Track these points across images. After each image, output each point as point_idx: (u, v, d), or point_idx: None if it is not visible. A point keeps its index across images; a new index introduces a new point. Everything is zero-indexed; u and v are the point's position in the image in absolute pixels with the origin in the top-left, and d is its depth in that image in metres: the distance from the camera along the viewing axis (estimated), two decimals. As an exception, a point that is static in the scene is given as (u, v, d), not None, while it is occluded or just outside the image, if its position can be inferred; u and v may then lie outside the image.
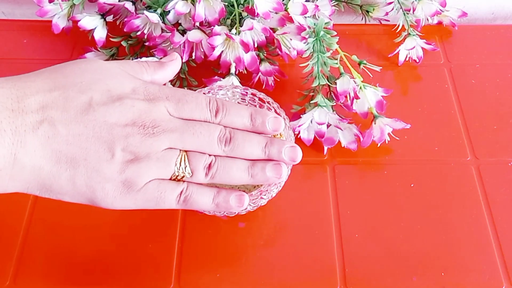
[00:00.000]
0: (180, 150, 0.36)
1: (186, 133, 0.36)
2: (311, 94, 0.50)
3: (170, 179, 0.36)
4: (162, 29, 0.49)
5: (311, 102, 0.49)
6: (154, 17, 0.48)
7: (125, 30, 0.50)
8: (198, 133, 0.36)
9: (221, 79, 0.50)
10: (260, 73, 0.52)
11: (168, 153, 0.35)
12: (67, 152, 0.33)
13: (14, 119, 0.32)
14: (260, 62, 0.52)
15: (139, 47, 0.54)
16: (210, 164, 0.36)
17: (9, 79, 0.34)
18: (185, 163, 0.36)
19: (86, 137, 0.34)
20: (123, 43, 0.53)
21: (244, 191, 0.44)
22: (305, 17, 0.49)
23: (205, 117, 0.37)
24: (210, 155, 0.37)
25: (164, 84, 0.41)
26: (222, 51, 0.49)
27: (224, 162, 0.37)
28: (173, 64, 0.41)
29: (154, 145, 0.35)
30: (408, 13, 0.56)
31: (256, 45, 0.49)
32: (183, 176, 0.36)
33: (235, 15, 0.48)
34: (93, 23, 0.51)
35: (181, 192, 0.36)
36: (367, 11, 0.59)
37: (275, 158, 0.38)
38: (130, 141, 0.34)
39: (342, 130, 0.49)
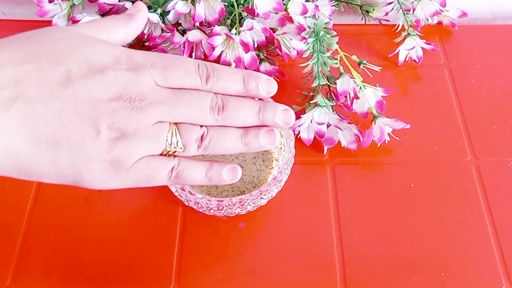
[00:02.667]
0: (170, 123, 0.33)
1: (176, 104, 0.33)
2: (311, 94, 0.50)
3: (161, 154, 0.34)
4: (162, 29, 0.50)
5: (311, 102, 0.49)
6: (154, 17, 0.48)
7: (125, 30, 0.50)
8: (189, 103, 0.34)
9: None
10: (260, 73, 0.52)
11: (157, 128, 0.33)
12: (47, 132, 0.30)
13: None
14: (260, 62, 0.52)
15: (139, 47, 0.54)
16: (202, 136, 0.34)
17: None
18: (176, 138, 0.34)
19: (67, 114, 0.31)
20: (123, 43, 0.53)
21: (244, 191, 0.44)
22: (305, 17, 0.49)
23: (195, 85, 0.35)
24: (201, 126, 0.34)
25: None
26: (222, 51, 0.49)
27: (217, 133, 0.34)
28: (142, 14, 0.38)
29: (142, 120, 0.32)
30: (408, 13, 0.56)
31: (256, 45, 0.49)
32: (175, 152, 0.34)
33: (235, 15, 0.48)
34: (93, 23, 0.51)
35: (173, 168, 0.34)
36: (367, 11, 0.59)
37: (269, 123, 0.36)
38: (116, 117, 0.31)
39: (342, 130, 0.49)
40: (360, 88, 0.49)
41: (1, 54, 0.31)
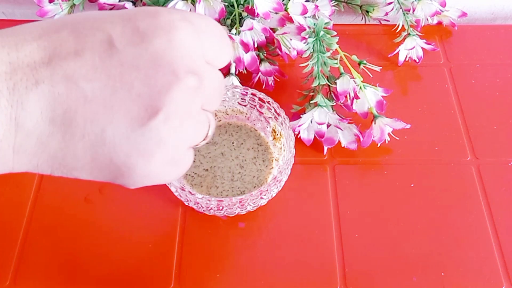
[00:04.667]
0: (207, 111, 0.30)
1: (219, 93, 0.30)
2: (311, 94, 0.50)
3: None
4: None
5: (311, 102, 0.49)
6: (154, 17, 0.48)
7: (125, 30, 0.49)
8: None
9: (221, 79, 0.50)
10: (260, 73, 0.52)
11: (204, 116, 0.29)
12: (85, 113, 0.25)
13: (12, 74, 0.25)
14: (260, 62, 0.52)
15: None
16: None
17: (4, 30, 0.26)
18: (211, 129, 0.31)
19: (111, 91, 0.26)
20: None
21: (244, 191, 0.44)
22: (305, 17, 0.49)
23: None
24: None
25: None
26: (222, 51, 0.49)
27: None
28: None
29: (196, 105, 0.28)
30: (408, 13, 0.56)
31: (256, 45, 0.49)
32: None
33: (235, 15, 0.48)
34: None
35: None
36: (367, 11, 0.59)
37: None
38: (174, 97, 0.26)
39: (342, 130, 0.49)
40: (360, 88, 0.49)
41: (36, 27, 0.26)
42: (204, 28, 0.28)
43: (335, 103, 0.50)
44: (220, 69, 0.31)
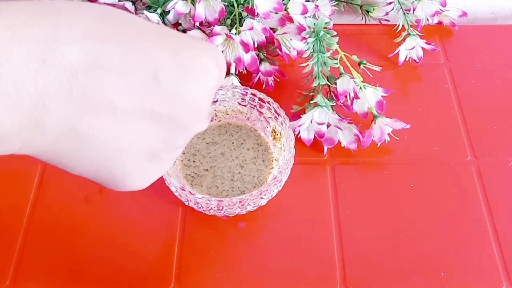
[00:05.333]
0: None
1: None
2: (311, 94, 0.50)
3: None
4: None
5: (311, 102, 0.49)
6: (154, 17, 0.48)
7: (125, 30, 0.49)
8: None
9: (221, 79, 0.50)
10: (260, 73, 0.52)
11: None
12: (109, 130, 0.26)
13: (44, 73, 0.23)
14: (260, 62, 0.52)
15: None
16: None
17: (40, 12, 0.24)
18: None
19: (140, 116, 0.26)
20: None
21: (244, 191, 0.44)
22: (305, 17, 0.49)
23: None
24: None
25: None
26: (222, 51, 0.49)
27: None
28: None
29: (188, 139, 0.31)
30: (408, 13, 0.56)
31: (256, 45, 0.49)
32: None
33: (235, 15, 0.48)
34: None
35: None
36: (367, 11, 0.59)
37: None
38: (189, 138, 0.30)
39: (342, 130, 0.49)
40: (360, 88, 0.49)
41: (77, 14, 0.25)
42: (223, 69, 0.31)
43: (335, 103, 0.50)
44: None
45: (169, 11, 0.49)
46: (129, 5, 0.49)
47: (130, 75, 0.26)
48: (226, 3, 0.48)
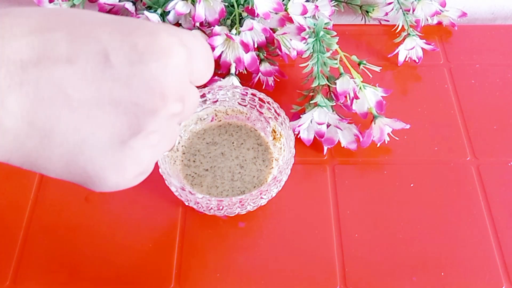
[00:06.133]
0: None
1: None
2: (311, 94, 0.50)
3: None
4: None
5: (311, 102, 0.49)
6: (154, 17, 0.48)
7: (125, 30, 0.50)
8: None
9: (221, 79, 0.50)
10: (260, 73, 0.52)
11: (177, 130, 0.31)
12: (68, 121, 0.25)
13: None
14: (260, 62, 0.52)
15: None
16: None
17: None
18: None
19: (98, 104, 0.25)
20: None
21: (244, 191, 0.44)
22: (305, 17, 0.49)
23: None
24: None
25: None
26: (222, 51, 0.49)
27: None
28: None
29: (174, 125, 0.29)
30: (408, 13, 0.56)
31: (256, 45, 0.49)
32: None
33: (235, 15, 0.48)
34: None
35: None
36: (367, 11, 0.59)
37: None
38: (158, 121, 0.27)
39: (342, 130, 0.49)
40: (360, 88, 0.49)
41: (24, 15, 0.25)
42: (196, 52, 0.29)
43: (335, 103, 0.50)
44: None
45: (169, 12, 0.49)
46: (129, 5, 0.49)
47: (80, 62, 0.25)
48: (226, 4, 0.48)
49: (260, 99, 0.46)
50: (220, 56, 0.49)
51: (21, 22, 0.24)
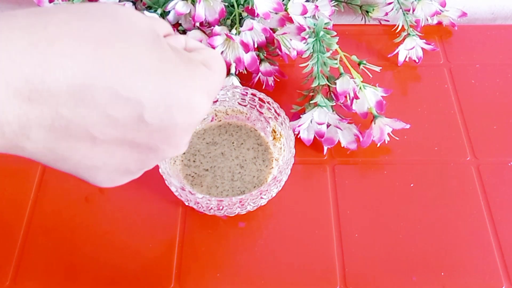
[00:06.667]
0: None
1: None
2: (311, 94, 0.50)
3: None
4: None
5: (311, 102, 0.49)
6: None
7: (125, 30, 0.50)
8: None
9: (221, 79, 0.50)
10: (260, 73, 0.52)
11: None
12: (85, 153, 0.27)
13: (28, 111, 0.24)
14: (260, 62, 0.52)
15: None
16: None
17: (24, 27, 0.23)
18: None
19: (119, 143, 0.27)
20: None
21: (244, 191, 0.44)
22: (305, 17, 0.49)
23: None
24: None
25: None
26: (222, 51, 0.49)
27: None
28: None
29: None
30: (408, 13, 0.56)
31: (256, 45, 0.49)
32: None
33: (235, 15, 0.48)
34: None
35: None
36: (367, 11, 0.59)
37: None
38: (157, 161, 0.31)
39: (342, 130, 0.49)
40: (360, 88, 0.49)
41: (68, 45, 0.24)
42: (219, 76, 0.31)
43: (335, 103, 0.50)
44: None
45: (169, 12, 0.49)
46: (129, 5, 0.49)
47: (115, 114, 0.26)
48: (226, 4, 0.48)
49: (260, 99, 0.46)
50: (220, 56, 0.49)
51: (67, 52, 0.24)
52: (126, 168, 0.30)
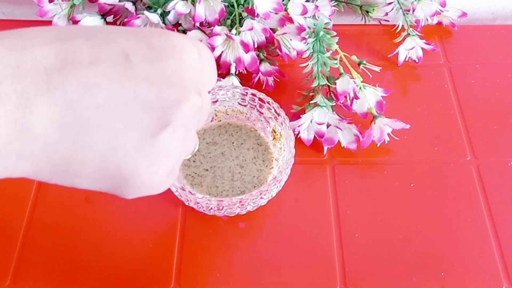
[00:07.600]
0: None
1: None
2: (311, 94, 0.50)
3: None
4: (162, 29, 0.50)
5: (311, 102, 0.49)
6: (154, 17, 0.48)
7: (125, 30, 0.50)
8: None
9: (221, 79, 0.50)
10: (260, 73, 0.52)
11: (196, 131, 0.32)
12: (97, 121, 0.26)
13: (20, 78, 0.24)
14: (260, 62, 0.52)
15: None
16: None
17: (8, 32, 0.25)
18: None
19: (125, 101, 0.26)
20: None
21: (244, 191, 0.44)
22: (305, 18, 0.49)
23: None
24: None
25: None
26: (222, 52, 0.49)
27: None
28: None
29: (195, 122, 0.30)
30: (407, 13, 0.56)
31: (256, 45, 0.49)
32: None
33: (235, 15, 0.48)
34: (93, 23, 0.51)
35: None
36: (367, 12, 0.59)
37: None
38: (183, 112, 0.28)
39: (342, 130, 0.49)
40: (360, 88, 0.49)
41: (44, 32, 0.26)
42: (204, 53, 0.30)
43: (335, 103, 0.50)
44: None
45: (169, 12, 0.49)
46: (129, 5, 0.49)
47: (102, 64, 0.26)
48: (226, 4, 0.48)
49: (260, 99, 0.46)
50: (220, 56, 0.49)
51: (39, 35, 0.25)
52: (151, 133, 0.27)
